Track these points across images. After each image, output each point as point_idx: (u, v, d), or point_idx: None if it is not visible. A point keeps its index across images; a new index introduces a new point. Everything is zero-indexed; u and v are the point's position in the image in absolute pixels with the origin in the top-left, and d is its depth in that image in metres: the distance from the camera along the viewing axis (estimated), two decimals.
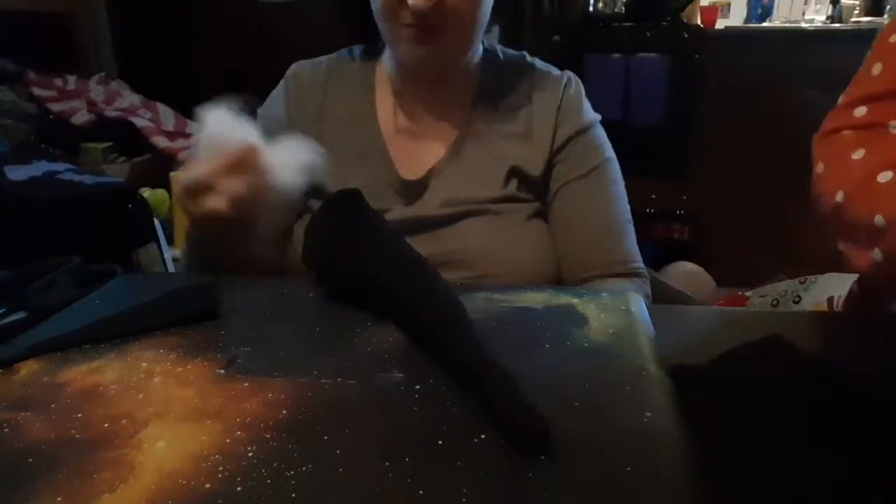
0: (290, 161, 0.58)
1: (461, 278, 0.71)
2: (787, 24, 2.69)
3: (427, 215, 0.72)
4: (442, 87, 0.78)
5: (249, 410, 0.35)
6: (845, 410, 0.47)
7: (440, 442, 0.31)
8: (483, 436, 0.32)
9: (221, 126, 0.56)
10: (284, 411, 0.34)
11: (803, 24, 2.61)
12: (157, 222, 1.35)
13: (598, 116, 0.80)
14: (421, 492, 0.28)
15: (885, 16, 2.43)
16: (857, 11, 2.50)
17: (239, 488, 0.28)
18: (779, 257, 2.35)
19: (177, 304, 0.46)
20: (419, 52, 0.68)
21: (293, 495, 0.28)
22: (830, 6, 2.66)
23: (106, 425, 0.33)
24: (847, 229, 0.66)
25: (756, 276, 2.26)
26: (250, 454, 0.31)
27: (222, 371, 0.39)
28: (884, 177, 0.63)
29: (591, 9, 2.62)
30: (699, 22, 2.50)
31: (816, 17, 2.74)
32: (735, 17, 2.85)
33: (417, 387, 0.36)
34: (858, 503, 0.38)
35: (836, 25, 2.49)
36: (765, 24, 2.72)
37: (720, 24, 2.61)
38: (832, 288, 1.61)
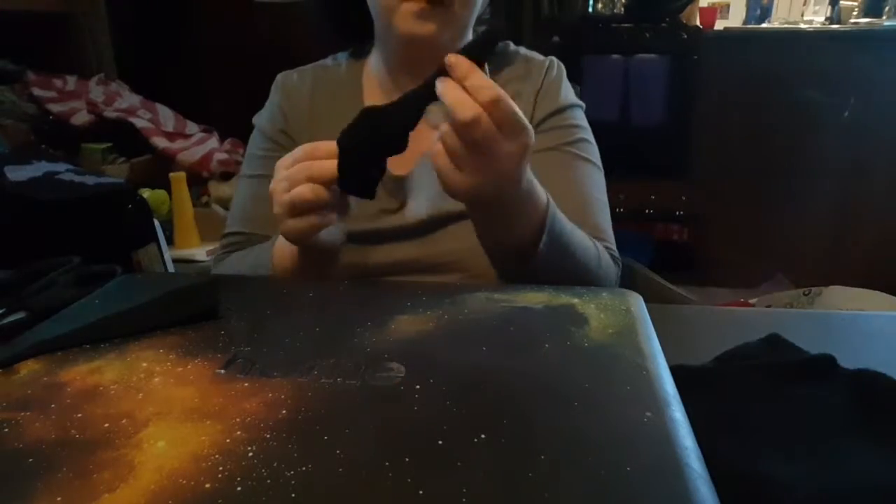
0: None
1: (455, 281, 0.71)
2: (785, 25, 2.70)
3: (417, 221, 0.71)
4: None
5: (249, 410, 0.35)
6: (846, 409, 0.47)
7: (440, 442, 0.31)
8: (483, 436, 0.32)
9: None
10: (284, 411, 0.34)
11: (802, 25, 2.62)
12: (157, 222, 1.35)
13: (579, 102, 0.80)
14: (421, 492, 0.28)
15: (884, 16, 2.44)
16: (855, 12, 2.51)
17: (239, 488, 0.28)
18: (778, 258, 2.35)
19: (177, 304, 0.46)
20: (422, 29, 0.67)
21: (293, 495, 0.28)
22: (829, 7, 2.67)
23: (106, 425, 0.33)
24: None
25: (755, 276, 2.26)
26: (250, 454, 0.31)
27: (222, 371, 0.39)
28: None
29: (590, 10, 2.62)
30: (698, 23, 2.50)
31: (815, 18, 2.75)
32: (734, 17, 2.86)
33: (417, 387, 0.36)
34: (859, 501, 0.38)
35: (835, 26, 2.50)
36: (763, 25, 2.73)
37: (719, 25, 2.62)
38: (838, 302, 1.61)
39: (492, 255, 0.63)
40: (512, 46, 0.83)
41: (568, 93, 0.79)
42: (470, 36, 0.79)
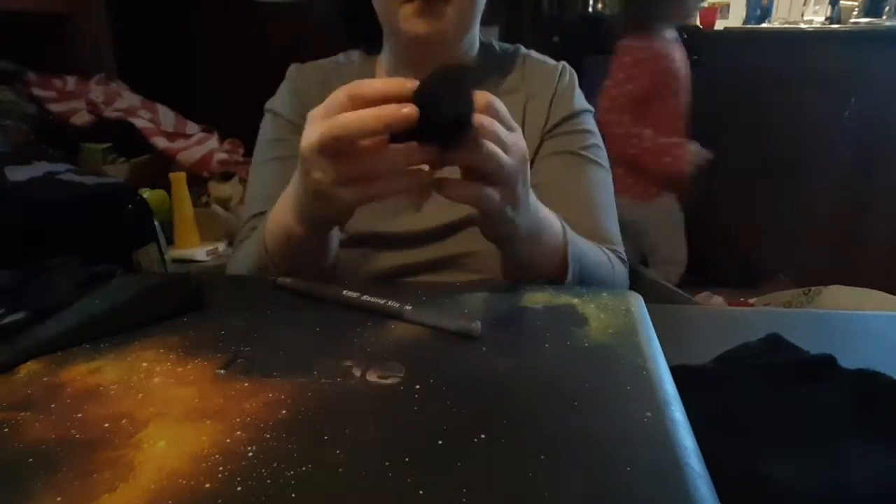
0: None
1: (464, 280, 0.71)
2: (785, 25, 2.70)
3: (430, 226, 0.72)
4: None
5: (249, 410, 0.35)
6: (846, 409, 0.47)
7: (440, 442, 0.31)
8: (483, 436, 0.32)
9: None
10: (284, 411, 0.34)
11: (802, 25, 2.62)
12: (156, 223, 1.35)
13: (589, 107, 0.81)
14: (421, 492, 0.28)
15: (884, 16, 2.43)
16: (855, 12, 2.51)
17: (239, 488, 0.28)
18: (778, 258, 2.35)
19: (156, 298, 0.47)
20: (423, 27, 0.68)
21: (293, 495, 0.28)
22: (829, 7, 2.67)
23: (106, 425, 0.33)
24: None
25: (756, 277, 2.26)
26: (250, 454, 0.31)
27: (222, 371, 0.39)
28: None
29: (590, 10, 2.62)
30: (698, 23, 2.50)
31: (815, 17, 2.75)
32: (734, 17, 2.86)
33: (417, 387, 0.37)
34: (859, 500, 0.38)
35: (835, 26, 2.50)
36: (764, 25, 2.73)
37: (719, 25, 2.62)
38: (838, 302, 1.61)
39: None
40: (523, 50, 0.83)
41: (580, 98, 0.80)
42: (477, 30, 0.79)
